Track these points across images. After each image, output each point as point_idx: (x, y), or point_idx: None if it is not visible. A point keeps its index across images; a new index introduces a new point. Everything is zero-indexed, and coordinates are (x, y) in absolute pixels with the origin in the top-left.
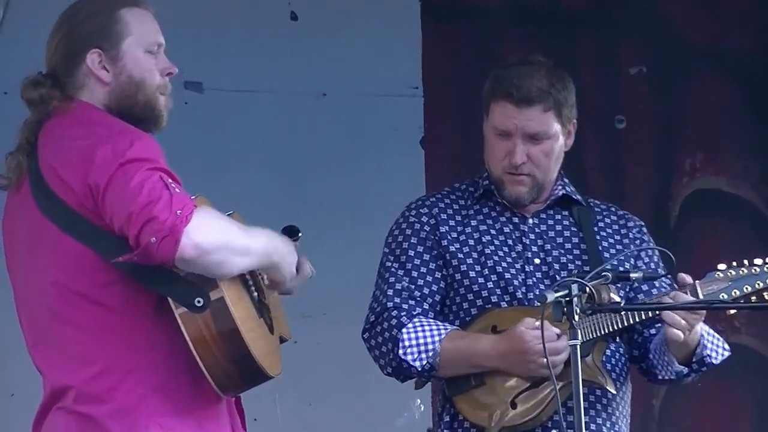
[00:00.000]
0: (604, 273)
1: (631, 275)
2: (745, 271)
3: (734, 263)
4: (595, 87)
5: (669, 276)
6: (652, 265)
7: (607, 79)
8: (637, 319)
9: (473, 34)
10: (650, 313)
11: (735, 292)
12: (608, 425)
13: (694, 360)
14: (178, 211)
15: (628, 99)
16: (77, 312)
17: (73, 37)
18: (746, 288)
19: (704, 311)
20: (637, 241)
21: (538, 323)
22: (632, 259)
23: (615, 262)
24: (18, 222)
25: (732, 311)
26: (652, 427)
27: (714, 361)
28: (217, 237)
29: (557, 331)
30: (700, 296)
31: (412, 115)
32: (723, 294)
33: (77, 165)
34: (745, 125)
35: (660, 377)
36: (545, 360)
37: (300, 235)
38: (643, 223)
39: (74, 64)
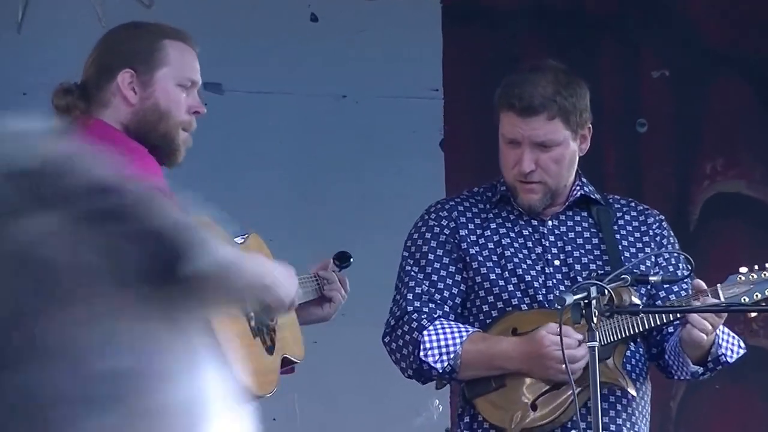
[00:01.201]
0: (623, 276)
1: (650, 278)
2: (767, 274)
3: (756, 267)
4: (617, 90)
5: (689, 279)
6: (671, 267)
7: (629, 83)
8: (659, 322)
9: (494, 37)
10: (670, 317)
11: (756, 295)
12: (628, 425)
13: (709, 359)
14: None
15: (649, 103)
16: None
17: (111, 53)
18: (767, 292)
19: (725, 314)
20: (657, 237)
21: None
22: (653, 257)
23: (636, 266)
24: None
25: (753, 314)
26: (669, 429)
27: (729, 360)
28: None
29: (579, 337)
30: (722, 299)
31: (431, 117)
32: (744, 297)
33: None
34: (765, 129)
35: (676, 377)
36: (563, 366)
37: (351, 261)
38: (663, 217)
39: (105, 79)
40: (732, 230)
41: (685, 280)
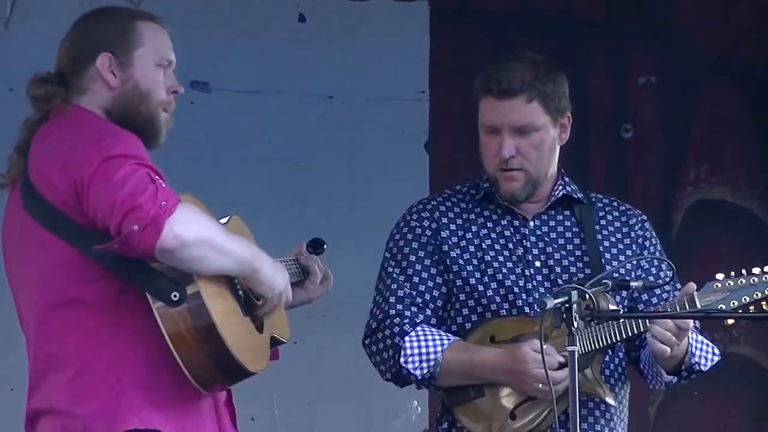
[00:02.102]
0: (604, 280)
1: (632, 283)
2: (744, 281)
3: (732, 273)
4: (603, 95)
5: (670, 284)
6: (654, 270)
7: (616, 88)
8: (636, 332)
9: (482, 40)
10: (647, 326)
11: (733, 303)
12: (607, 431)
13: (683, 368)
14: (163, 203)
15: (635, 108)
16: (60, 308)
17: (86, 39)
18: (744, 298)
19: (690, 323)
20: (640, 239)
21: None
22: (653, 270)
23: (616, 270)
24: (12, 222)
25: (730, 321)
26: None
27: (703, 368)
28: (199, 231)
29: (561, 359)
30: (698, 306)
31: (418, 119)
32: (721, 305)
33: (60, 162)
34: (751, 136)
35: (651, 386)
36: (540, 386)
37: (325, 247)
38: (645, 218)
39: (83, 65)
40: (715, 237)
41: (667, 286)
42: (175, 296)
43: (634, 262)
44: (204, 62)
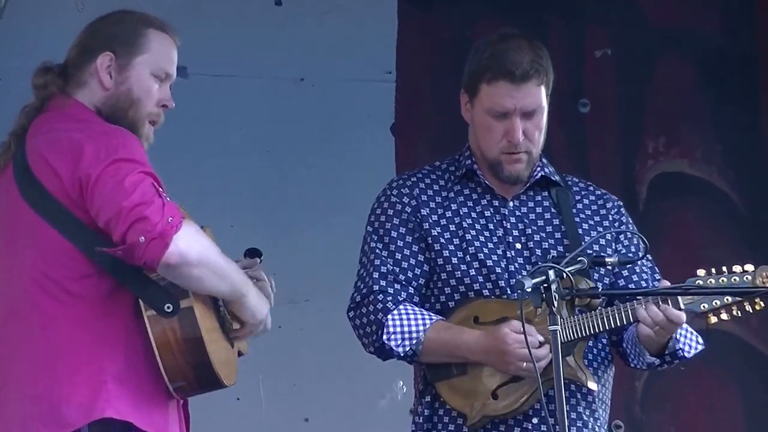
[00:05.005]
0: (580, 258)
1: (607, 260)
2: (725, 279)
3: (713, 270)
4: (561, 71)
5: (646, 260)
6: (632, 248)
7: (572, 63)
8: (619, 324)
9: (447, 20)
10: (630, 319)
11: (716, 303)
12: (587, 413)
13: (666, 352)
14: (170, 218)
15: (592, 83)
16: (49, 299)
17: (95, 35)
18: (726, 298)
19: (684, 318)
20: (616, 223)
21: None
22: (612, 244)
23: (589, 246)
24: (2, 207)
25: (713, 319)
26: (635, 410)
27: (687, 355)
28: (201, 252)
29: (540, 338)
30: (681, 306)
31: (385, 100)
32: (704, 304)
33: (68, 154)
34: (707, 108)
35: (632, 365)
36: (523, 364)
37: (262, 258)
38: (621, 203)
39: (85, 60)
40: (680, 209)
41: (646, 261)
42: (168, 308)
43: (611, 242)
44: (182, 47)
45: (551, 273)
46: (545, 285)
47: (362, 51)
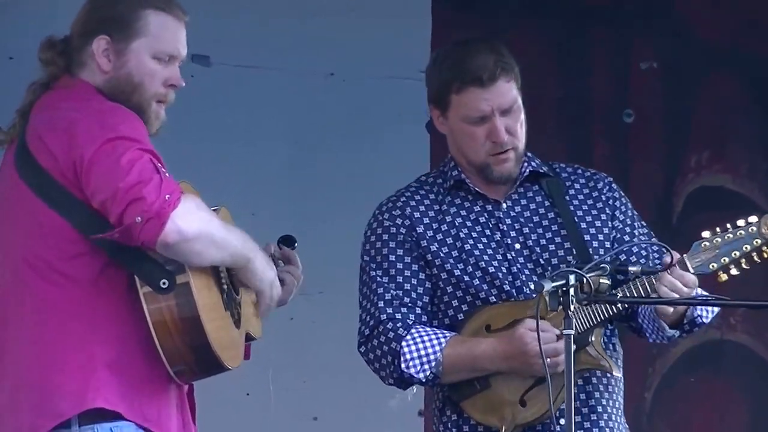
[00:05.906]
0: (602, 265)
1: (630, 268)
2: (731, 236)
3: (718, 229)
4: (606, 81)
5: (641, 225)
6: (628, 221)
7: (618, 74)
8: (634, 308)
9: (483, 23)
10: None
11: (724, 260)
12: (611, 403)
13: (685, 321)
14: (167, 196)
15: (637, 94)
16: (40, 279)
17: (91, 16)
18: (734, 253)
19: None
20: (610, 201)
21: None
22: (627, 229)
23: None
24: (2, 182)
25: (724, 277)
26: (642, 421)
27: (705, 321)
28: (200, 226)
29: (557, 332)
30: (690, 269)
31: (418, 98)
32: (713, 264)
33: (63, 133)
34: (754, 125)
35: (651, 340)
36: (548, 360)
37: (296, 244)
38: (611, 179)
39: (83, 42)
40: (714, 223)
41: (637, 227)
42: (164, 283)
43: (607, 221)
44: (205, 36)
45: (572, 277)
46: (564, 289)
47: (394, 49)
